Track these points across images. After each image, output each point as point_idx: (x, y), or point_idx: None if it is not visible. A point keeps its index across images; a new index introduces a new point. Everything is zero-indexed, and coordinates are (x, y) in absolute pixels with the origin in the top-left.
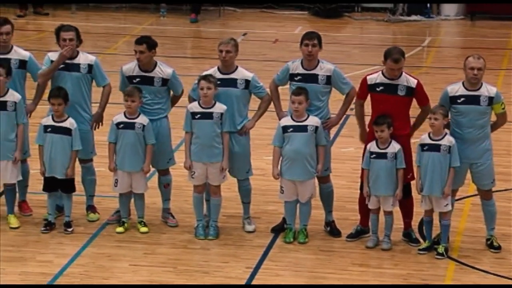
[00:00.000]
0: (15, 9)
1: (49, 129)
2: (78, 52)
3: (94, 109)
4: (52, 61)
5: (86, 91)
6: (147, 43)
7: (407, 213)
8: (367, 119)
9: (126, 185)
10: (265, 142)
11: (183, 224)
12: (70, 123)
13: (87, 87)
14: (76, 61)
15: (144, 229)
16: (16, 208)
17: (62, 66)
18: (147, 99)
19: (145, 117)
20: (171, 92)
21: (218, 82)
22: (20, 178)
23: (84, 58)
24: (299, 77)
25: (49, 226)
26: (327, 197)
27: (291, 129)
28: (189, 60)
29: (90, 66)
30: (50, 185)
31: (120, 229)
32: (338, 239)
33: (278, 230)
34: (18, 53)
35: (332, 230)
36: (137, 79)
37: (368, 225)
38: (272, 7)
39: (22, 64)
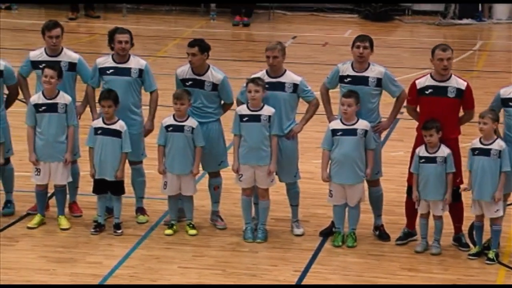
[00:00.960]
0: (67, 12)
1: (100, 131)
2: (129, 56)
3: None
4: (99, 69)
5: (136, 94)
6: (200, 46)
7: (457, 218)
8: (416, 124)
9: (175, 187)
10: (313, 145)
11: (232, 227)
12: (120, 125)
13: (137, 90)
14: (127, 65)
15: (192, 231)
16: (66, 210)
17: (112, 70)
18: (198, 103)
19: (194, 119)
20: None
21: (266, 86)
22: (71, 179)
23: (135, 62)
24: (349, 79)
25: (98, 227)
26: (376, 201)
27: (340, 132)
28: (239, 63)
29: (140, 71)
30: (100, 187)
31: (169, 231)
32: (387, 243)
33: (326, 233)
34: (68, 55)
35: (381, 234)
36: (190, 82)
37: (414, 227)
38: (322, 10)
39: (72, 66)
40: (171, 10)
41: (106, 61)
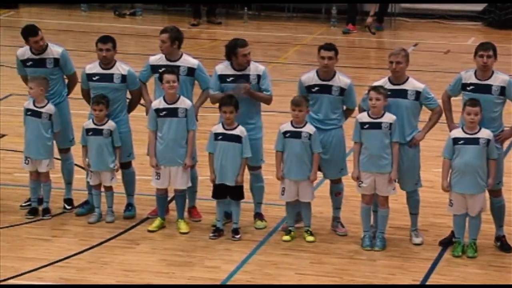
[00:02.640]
0: (190, 18)
1: (220, 137)
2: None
3: None
4: (219, 76)
5: (254, 100)
6: (335, 49)
7: None
8: None
9: (293, 193)
10: (434, 154)
11: (350, 235)
12: (240, 130)
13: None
14: (246, 72)
15: (310, 238)
16: (186, 214)
17: (232, 78)
18: (322, 113)
19: (311, 126)
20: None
21: (388, 93)
22: (190, 184)
23: (254, 69)
24: (471, 87)
25: (217, 232)
26: (498, 211)
27: (462, 141)
28: (359, 70)
29: (258, 77)
30: (220, 192)
31: (286, 237)
32: (509, 254)
33: (446, 243)
34: (187, 60)
35: (503, 245)
36: (316, 88)
37: None
38: (444, 18)
39: (191, 71)
40: (292, 17)
41: (226, 68)
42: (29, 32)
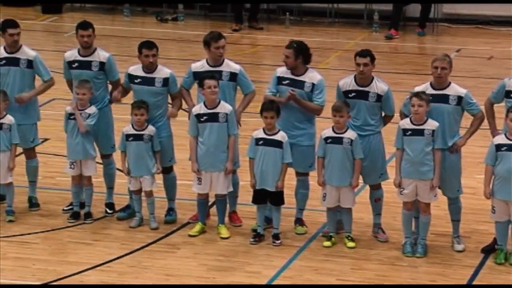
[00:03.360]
0: (231, 23)
1: (261, 142)
2: (306, 69)
3: None
4: (277, 77)
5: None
6: (371, 56)
7: None
8: None
9: (334, 199)
10: (476, 160)
11: (391, 241)
12: (281, 135)
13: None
14: (302, 78)
15: (351, 244)
16: (226, 219)
17: (287, 82)
18: (361, 119)
19: (353, 131)
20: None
21: (430, 98)
22: (231, 189)
23: (310, 77)
24: None
25: (258, 237)
26: None
27: (505, 147)
28: (401, 75)
29: (313, 85)
30: (260, 197)
31: (327, 243)
32: None
33: (488, 250)
34: (230, 65)
35: None
36: (353, 94)
37: None
38: (487, 23)
39: (233, 76)
40: (333, 22)
41: (284, 71)
42: (80, 25)
